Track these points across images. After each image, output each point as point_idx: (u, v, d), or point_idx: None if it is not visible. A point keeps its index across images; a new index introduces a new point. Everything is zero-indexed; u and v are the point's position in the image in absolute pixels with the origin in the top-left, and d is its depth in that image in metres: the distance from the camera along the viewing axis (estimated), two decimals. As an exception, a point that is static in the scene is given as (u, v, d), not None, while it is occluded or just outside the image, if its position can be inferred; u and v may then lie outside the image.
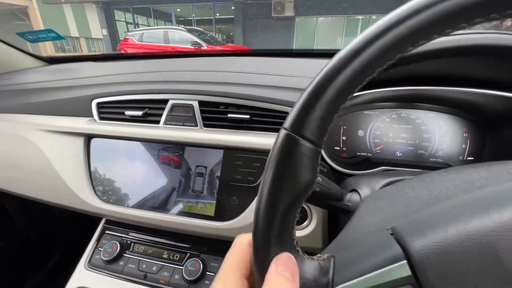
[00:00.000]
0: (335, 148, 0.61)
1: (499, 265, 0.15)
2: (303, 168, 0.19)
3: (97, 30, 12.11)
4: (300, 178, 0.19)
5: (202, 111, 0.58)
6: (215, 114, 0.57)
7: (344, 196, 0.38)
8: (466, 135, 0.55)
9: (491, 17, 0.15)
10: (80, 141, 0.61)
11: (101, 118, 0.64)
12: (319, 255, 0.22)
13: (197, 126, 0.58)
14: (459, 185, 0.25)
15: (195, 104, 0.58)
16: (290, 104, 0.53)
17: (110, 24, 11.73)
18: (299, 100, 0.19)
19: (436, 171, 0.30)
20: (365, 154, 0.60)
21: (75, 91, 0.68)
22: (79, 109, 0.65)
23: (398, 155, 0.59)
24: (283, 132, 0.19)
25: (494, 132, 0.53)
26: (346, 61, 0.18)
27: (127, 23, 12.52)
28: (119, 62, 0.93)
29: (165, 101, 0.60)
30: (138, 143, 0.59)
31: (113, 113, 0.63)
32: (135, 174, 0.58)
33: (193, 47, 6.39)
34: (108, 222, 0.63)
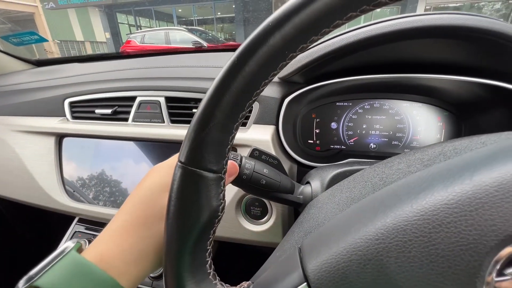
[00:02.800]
0: (309, 141, 0.59)
1: (385, 276, 0.14)
2: (204, 198, 0.19)
3: (101, 33, 12.28)
4: (202, 210, 0.19)
5: (169, 107, 0.57)
6: (181, 109, 0.56)
7: (296, 189, 0.37)
8: (441, 124, 0.53)
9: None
10: (51, 141, 0.61)
11: (74, 118, 0.64)
12: (243, 283, 0.21)
13: (164, 122, 0.57)
14: (374, 183, 0.24)
15: (162, 100, 0.57)
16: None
17: (113, 27, 11.88)
18: (189, 128, 0.18)
19: (374, 164, 0.29)
20: (338, 146, 0.58)
21: (49, 92, 0.68)
22: (53, 109, 0.66)
23: (372, 147, 0.57)
24: (178, 165, 0.18)
25: (470, 120, 0.50)
26: (227, 79, 0.16)
27: (130, 25, 12.65)
28: (98, 62, 0.93)
29: (133, 99, 0.59)
30: (108, 141, 0.59)
31: (84, 112, 0.63)
32: (105, 172, 0.58)
33: (194, 46, 6.42)
34: (81, 220, 0.63)
